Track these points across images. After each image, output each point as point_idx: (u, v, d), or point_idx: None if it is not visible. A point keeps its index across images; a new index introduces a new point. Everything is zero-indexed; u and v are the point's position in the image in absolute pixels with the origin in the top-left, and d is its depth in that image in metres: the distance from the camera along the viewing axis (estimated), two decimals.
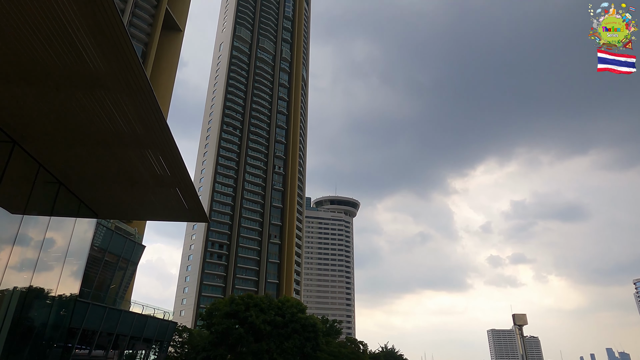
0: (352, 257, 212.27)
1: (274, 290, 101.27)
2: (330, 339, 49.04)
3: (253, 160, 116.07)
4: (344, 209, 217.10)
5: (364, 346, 53.11)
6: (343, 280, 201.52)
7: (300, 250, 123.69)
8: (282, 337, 40.35)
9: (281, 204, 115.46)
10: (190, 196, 14.13)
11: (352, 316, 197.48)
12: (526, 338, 60.59)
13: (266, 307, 41.36)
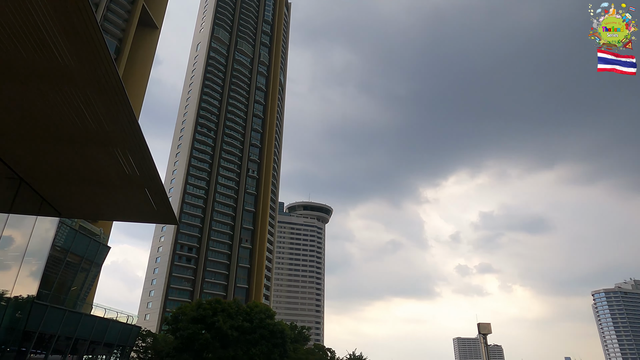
0: (323, 263, 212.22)
1: (243, 295, 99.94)
2: (299, 345, 48.69)
3: (227, 163, 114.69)
4: (316, 215, 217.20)
5: (332, 353, 52.99)
6: (313, 287, 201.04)
7: (272, 256, 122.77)
8: (249, 343, 39.76)
9: (254, 208, 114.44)
10: (159, 197, 13.81)
11: (321, 323, 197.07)
12: (490, 347, 62.40)
13: (234, 312, 40.69)
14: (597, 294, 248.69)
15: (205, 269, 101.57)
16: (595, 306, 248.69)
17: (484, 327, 42.49)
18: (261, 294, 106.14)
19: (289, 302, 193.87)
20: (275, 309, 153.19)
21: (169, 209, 16.00)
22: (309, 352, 46.05)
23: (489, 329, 42.54)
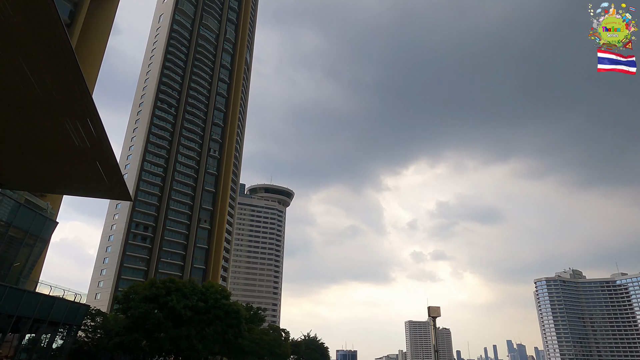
0: (282, 246, 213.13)
1: (200, 276, 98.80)
2: (254, 326, 48.98)
3: (187, 142, 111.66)
4: (278, 198, 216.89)
5: (287, 334, 53.76)
6: (272, 269, 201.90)
7: (231, 237, 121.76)
8: (203, 323, 39.56)
9: (214, 189, 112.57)
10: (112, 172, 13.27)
11: (278, 305, 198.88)
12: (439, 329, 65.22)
13: (189, 292, 40.24)
14: (539, 282, 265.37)
15: (162, 249, 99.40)
16: (536, 293, 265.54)
17: (433, 310, 44.38)
18: (218, 275, 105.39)
19: (246, 283, 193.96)
20: (233, 290, 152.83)
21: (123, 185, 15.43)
22: (264, 333, 46.47)
23: (439, 312, 44.49)
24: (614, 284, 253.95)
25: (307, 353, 66.25)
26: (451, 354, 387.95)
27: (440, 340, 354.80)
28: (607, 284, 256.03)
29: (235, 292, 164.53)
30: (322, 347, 70.16)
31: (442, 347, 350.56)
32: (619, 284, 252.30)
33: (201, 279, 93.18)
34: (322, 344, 70.97)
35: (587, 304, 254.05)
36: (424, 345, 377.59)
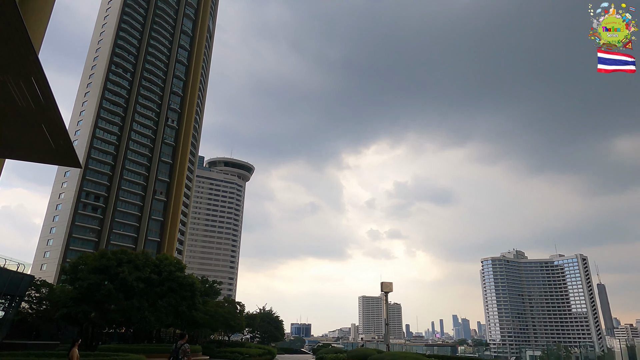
0: (241, 220, 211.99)
1: (154, 249, 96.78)
2: (209, 299, 48.94)
3: (143, 109, 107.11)
4: (237, 172, 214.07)
5: (242, 307, 54.17)
6: (229, 243, 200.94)
7: (188, 210, 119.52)
8: (156, 295, 39.04)
9: (171, 160, 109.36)
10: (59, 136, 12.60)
11: (234, 278, 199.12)
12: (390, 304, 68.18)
13: (142, 264, 39.41)
14: (485, 261, 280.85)
15: (114, 220, 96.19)
16: (482, 271, 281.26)
17: (386, 285, 45.88)
18: (174, 247, 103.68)
19: (203, 257, 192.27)
20: (189, 263, 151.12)
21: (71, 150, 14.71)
22: (218, 305, 46.58)
23: (391, 287, 46.06)
24: (552, 264, 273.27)
25: (262, 326, 67.22)
26: (401, 327, 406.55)
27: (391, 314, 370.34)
28: (546, 264, 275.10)
29: (191, 266, 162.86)
30: (277, 320, 71.37)
31: (392, 321, 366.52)
32: (556, 264, 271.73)
33: (155, 251, 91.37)
34: (277, 317, 72.18)
35: (527, 282, 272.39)
36: (375, 319, 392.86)
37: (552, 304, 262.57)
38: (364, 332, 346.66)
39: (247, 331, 68.92)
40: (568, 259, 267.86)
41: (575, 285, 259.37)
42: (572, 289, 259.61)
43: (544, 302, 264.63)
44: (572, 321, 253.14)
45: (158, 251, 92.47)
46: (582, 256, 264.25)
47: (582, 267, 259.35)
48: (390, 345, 50.11)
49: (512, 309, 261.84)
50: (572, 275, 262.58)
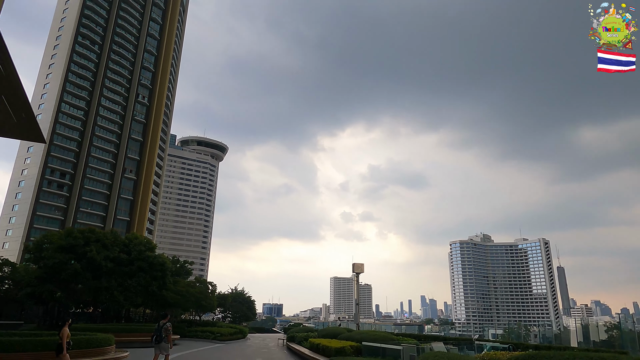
0: (213, 201, 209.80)
1: (123, 228, 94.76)
2: (180, 279, 48.57)
3: (112, 84, 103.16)
4: (210, 151, 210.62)
5: (214, 287, 54.10)
6: (201, 224, 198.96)
7: (159, 189, 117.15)
8: (125, 274, 38.39)
9: (141, 138, 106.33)
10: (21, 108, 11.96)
11: (206, 259, 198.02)
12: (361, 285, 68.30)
13: (110, 243, 38.55)
14: (453, 244, 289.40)
15: (81, 198, 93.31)
16: (450, 254, 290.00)
17: (357, 267, 46.65)
18: (144, 227, 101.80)
19: (174, 237, 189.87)
20: (160, 243, 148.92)
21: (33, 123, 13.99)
22: (190, 285, 46.29)
23: (362, 268, 46.89)
24: (516, 247, 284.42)
25: (233, 306, 67.36)
26: (371, 307, 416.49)
27: (361, 294, 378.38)
28: (511, 247, 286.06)
29: (162, 246, 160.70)
30: (248, 300, 71.61)
31: (363, 301, 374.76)
32: (520, 248, 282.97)
33: (125, 230, 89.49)
34: (249, 297, 72.40)
35: (492, 265, 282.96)
36: (346, 299, 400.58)
37: (515, 285, 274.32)
38: (335, 312, 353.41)
39: (218, 311, 68.94)
40: (531, 243, 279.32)
41: (536, 267, 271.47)
42: (534, 271, 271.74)
43: (507, 283, 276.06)
44: (533, 301, 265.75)
45: (128, 230, 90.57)
46: (545, 240, 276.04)
47: (544, 251, 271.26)
48: (360, 324, 51.35)
49: (477, 290, 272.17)
50: (535, 258, 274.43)
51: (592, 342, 47.92)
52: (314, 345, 23.80)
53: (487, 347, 23.12)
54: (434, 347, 17.13)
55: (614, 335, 49.70)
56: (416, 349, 16.60)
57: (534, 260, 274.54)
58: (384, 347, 18.32)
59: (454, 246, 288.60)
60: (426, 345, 18.32)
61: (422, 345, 18.05)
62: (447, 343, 23.29)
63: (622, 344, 29.08)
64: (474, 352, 20.28)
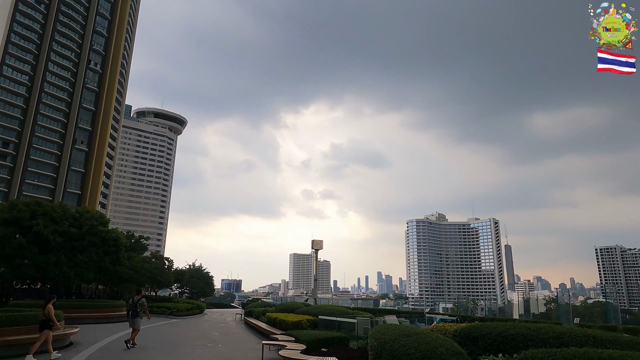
0: (171, 175, 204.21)
1: (74, 202, 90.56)
2: (134, 254, 47.27)
3: (61, 48, 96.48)
4: (168, 124, 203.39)
5: (170, 262, 53.13)
6: (158, 198, 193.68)
7: (113, 162, 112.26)
8: (76, 249, 36.85)
9: (94, 107, 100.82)
10: None
11: (163, 234, 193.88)
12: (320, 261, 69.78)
13: (59, 216, 36.69)
14: (410, 222, 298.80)
15: (27, 169, 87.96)
16: (407, 232, 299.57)
17: (316, 243, 47.25)
18: (97, 201, 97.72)
19: (129, 211, 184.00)
20: (114, 218, 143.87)
21: None
22: (145, 261, 45.17)
23: (321, 245, 47.53)
24: (468, 227, 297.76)
25: (191, 282, 66.62)
26: (329, 283, 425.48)
27: (320, 271, 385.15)
28: (463, 226, 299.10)
29: (117, 220, 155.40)
30: (207, 276, 71.00)
31: (321, 277, 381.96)
32: (472, 227, 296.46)
33: (76, 204, 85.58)
34: (207, 273, 71.77)
35: (445, 243, 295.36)
36: (305, 275, 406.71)
37: (466, 262, 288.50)
38: (294, 288, 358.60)
39: (175, 287, 67.99)
40: (482, 222, 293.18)
41: (486, 245, 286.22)
42: (484, 249, 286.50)
43: (459, 260, 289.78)
44: (482, 277, 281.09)
45: (79, 204, 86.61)
46: (495, 220, 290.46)
47: (493, 230, 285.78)
48: (317, 299, 52.42)
49: (430, 266, 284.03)
50: (485, 237, 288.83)
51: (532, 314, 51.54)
52: (271, 320, 24.10)
53: (437, 319, 24.31)
54: (387, 320, 17.79)
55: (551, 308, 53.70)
56: (370, 322, 17.17)
57: (484, 239, 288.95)
58: (340, 320, 18.83)
59: (410, 224, 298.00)
60: (380, 318, 18.99)
61: (375, 318, 18.69)
62: (399, 316, 24.26)
63: (558, 316, 31.45)
64: (425, 324, 21.27)
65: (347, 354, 13.29)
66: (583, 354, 6.58)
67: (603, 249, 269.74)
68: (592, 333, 8.64)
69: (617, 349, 7.10)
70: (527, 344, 8.69)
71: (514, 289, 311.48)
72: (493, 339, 9.85)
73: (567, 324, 24.75)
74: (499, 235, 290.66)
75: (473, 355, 9.55)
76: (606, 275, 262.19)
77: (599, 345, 7.72)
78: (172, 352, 15.79)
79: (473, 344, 10.40)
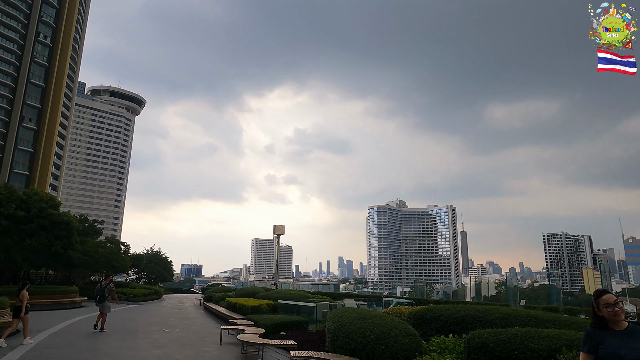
0: (128, 157, 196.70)
1: (22, 183, 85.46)
2: (88, 238, 45.42)
3: (7, 19, 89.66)
4: (126, 104, 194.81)
5: (127, 247, 51.49)
6: (115, 181, 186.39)
7: (65, 142, 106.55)
8: (24, 233, 34.96)
9: (43, 83, 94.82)
10: None
11: (120, 218, 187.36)
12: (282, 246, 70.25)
13: (5, 199, 34.57)
14: (371, 208, 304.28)
15: None
16: (368, 218, 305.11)
17: (278, 228, 47.29)
18: (47, 183, 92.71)
19: (83, 194, 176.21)
20: (66, 200, 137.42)
21: None
22: (99, 245, 43.54)
23: (283, 230, 47.61)
24: (427, 213, 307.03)
25: (149, 267, 65.16)
26: (291, 268, 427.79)
27: (282, 256, 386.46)
28: (423, 213, 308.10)
29: (69, 203, 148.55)
30: (165, 261, 69.65)
31: (283, 262, 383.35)
32: (430, 213, 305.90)
33: (24, 186, 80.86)
34: (166, 258, 70.42)
35: (405, 229, 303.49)
36: (267, 260, 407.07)
37: (424, 247, 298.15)
38: (255, 273, 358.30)
39: (132, 272, 66.25)
40: (441, 209, 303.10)
41: (443, 232, 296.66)
42: (441, 235, 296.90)
43: (417, 245, 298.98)
44: (438, 262, 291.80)
45: (27, 186, 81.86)
46: (452, 207, 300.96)
47: (450, 217, 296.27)
48: (278, 284, 52.68)
49: (390, 252, 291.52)
50: (442, 223, 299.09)
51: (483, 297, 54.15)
52: (231, 304, 24.02)
53: (394, 302, 25.09)
54: (345, 304, 18.16)
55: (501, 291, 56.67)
56: (329, 306, 17.48)
57: (441, 225, 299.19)
58: (299, 304, 19.04)
59: (371, 211, 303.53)
60: (339, 302, 19.36)
61: (335, 302, 19.04)
62: (358, 300, 24.84)
63: (507, 298, 33.28)
64: (382, 307, 21.89)
65: (305, 337, 13.49)
66: (525, 334, 7.01)
67: (550, 235, 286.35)
68: (534, 314, 9.21)
69: (556, 329, 7.62)
70: (476, 325, 9.15)
71: (468, 273, 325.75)
72: (445, 321, 10.31)
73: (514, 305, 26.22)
74: (455, 222, 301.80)
75: (426, 336, 9.96)
76: (552, 260, 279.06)
77: (540, 325, 8.25)
78: (128, 337, 15.45)
79: (426, 325, 10.84)
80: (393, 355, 8.29)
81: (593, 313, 3.89)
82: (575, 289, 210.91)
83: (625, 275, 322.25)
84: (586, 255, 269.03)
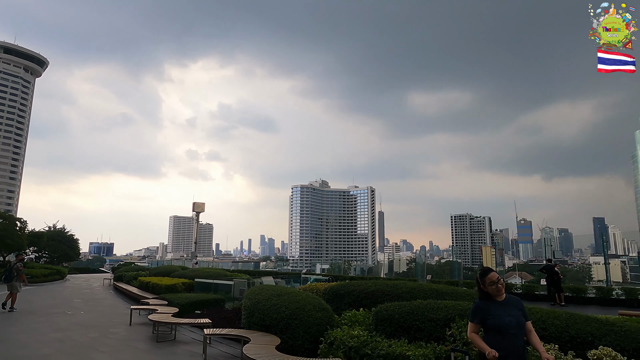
0: (27, 124, 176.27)
1: None
2: None
3: None
4: (23, 63, 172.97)
5: (23, 224, 46.39)
6: (9, 150, 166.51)
7: None
8: None
9: None
10: None
11: (16, 192, 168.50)
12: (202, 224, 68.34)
13: None
14: (295, 188, 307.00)
15: None
16: (291, 197, 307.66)
17: (198, 206, 46.04)
18: None
19: None
20: None
21: None
22: None
23: (203, 208, 46.43)
24: (348, 193, 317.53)
25: (50, 245, 59.65)
26: (211, 246, 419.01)
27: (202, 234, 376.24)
28: (344, 193, 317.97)
29: None
30: (70, 239, 64.22)
31: (203, 240, 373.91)
32: (351, 194, 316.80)
33: None
34: (72, 236, 64.96)
35: (327, 208, 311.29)
36: (186, 238, 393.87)
37: (344, 226, 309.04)
38: (173, 252, 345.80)
39: (31, 250, 60.27)
40: (361, 190, 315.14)
41: (363, 211, 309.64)
42: (360, 215, 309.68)
43: (338, 224, 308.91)
44: (357, 240, 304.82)
45: None
46: (372, 188, 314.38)
47: (369, 197, 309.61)
48: (198, 262, 51.40)
49: (312, 230, 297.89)
50: (362, 203, 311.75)
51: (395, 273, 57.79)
52: (144, 284, 23.04)
53: (311, 279, 25.83)
54: (264, 281, 18.29)
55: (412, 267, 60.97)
56: (247, 283, 17.49)
57: (361, 205, 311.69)
58: (216, 282, 18.82)
59: (295, 190, 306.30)
60: (257, 279, 19.44)
61: (253, 280, 19.09)
62: (277, 277, 25.15)
63: (415, 274, 35.85)
64: (300, 284, 22.40)
65: (221, 315, 13.43)
66: (425, 305, 7.66)
67: (456, 216, 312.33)
68: (436, 287, 10.07)
69: (454, 300, 8.43)
70: (385, 299, 9.80)
71: (383, 251, 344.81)
72: (357, 296, 10.88)
73: (421, 280, 28.35)
74: (374, 202, 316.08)
75: (339, 310, 10.43)
76: (457, 238, 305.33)
77: (441, 297, 9.05)
78: (23, 321, 14.13)
79: (340, 300, 11.35)
80: (306, 329, 8.57)
81: (479, 289, 4.55)
82: (475, 265, 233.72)
83: (516, 252, 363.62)
84: (486, 235, 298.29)
